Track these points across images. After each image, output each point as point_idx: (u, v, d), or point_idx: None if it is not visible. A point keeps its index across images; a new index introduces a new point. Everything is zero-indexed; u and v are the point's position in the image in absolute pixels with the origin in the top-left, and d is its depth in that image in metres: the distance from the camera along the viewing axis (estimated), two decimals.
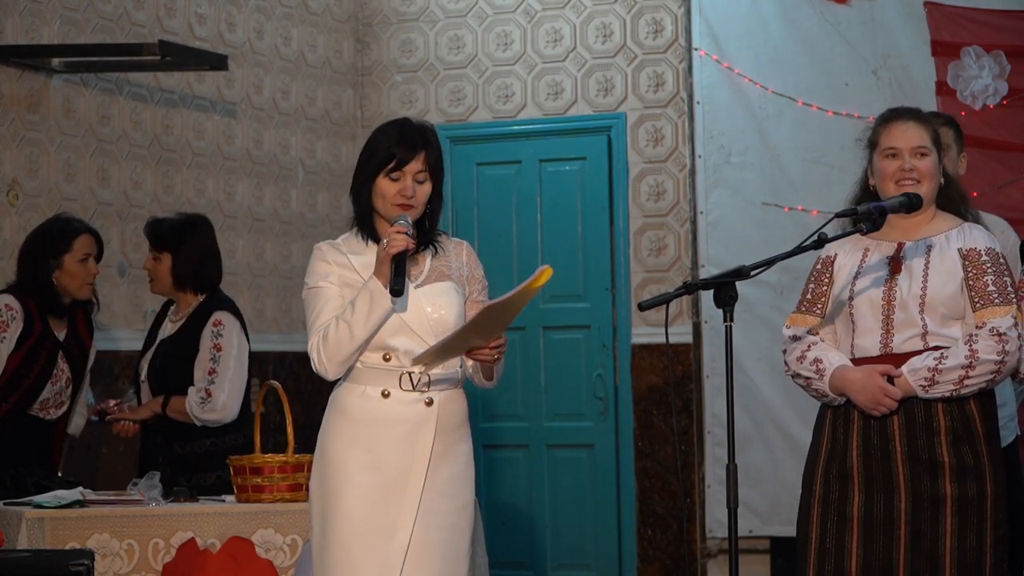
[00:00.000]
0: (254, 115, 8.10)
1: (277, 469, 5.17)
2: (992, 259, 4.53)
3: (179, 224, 5.98)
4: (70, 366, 5.91)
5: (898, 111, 4.71)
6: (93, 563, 4.50)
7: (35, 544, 4.92)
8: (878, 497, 4.48)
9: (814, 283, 4.69)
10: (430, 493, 4.19)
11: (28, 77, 6.78)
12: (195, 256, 5.91)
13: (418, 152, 4.21)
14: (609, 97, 8.41)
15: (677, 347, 8.17)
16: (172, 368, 5.86)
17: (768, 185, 7.96)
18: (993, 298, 4.47)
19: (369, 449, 4.18)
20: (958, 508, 4.42)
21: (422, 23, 8.74)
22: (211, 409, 5.76)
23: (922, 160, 4.57)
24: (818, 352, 4.57)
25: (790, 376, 4.67)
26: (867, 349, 4.52)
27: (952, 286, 4.49)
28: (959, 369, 4.41)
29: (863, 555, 4.47)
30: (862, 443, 4.51)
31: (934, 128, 4.66)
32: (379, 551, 4.14)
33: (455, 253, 4.36)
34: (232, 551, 5.09)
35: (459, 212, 8.61)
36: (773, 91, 7.95)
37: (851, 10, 7.89)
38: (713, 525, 8.05)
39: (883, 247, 4.59)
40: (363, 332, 4.14)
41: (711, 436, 8.07)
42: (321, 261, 4.30)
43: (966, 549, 4.41)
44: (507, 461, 8.54)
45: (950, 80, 7.69)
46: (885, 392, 4.44)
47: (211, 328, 5.83)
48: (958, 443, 4.45)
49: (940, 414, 4.46)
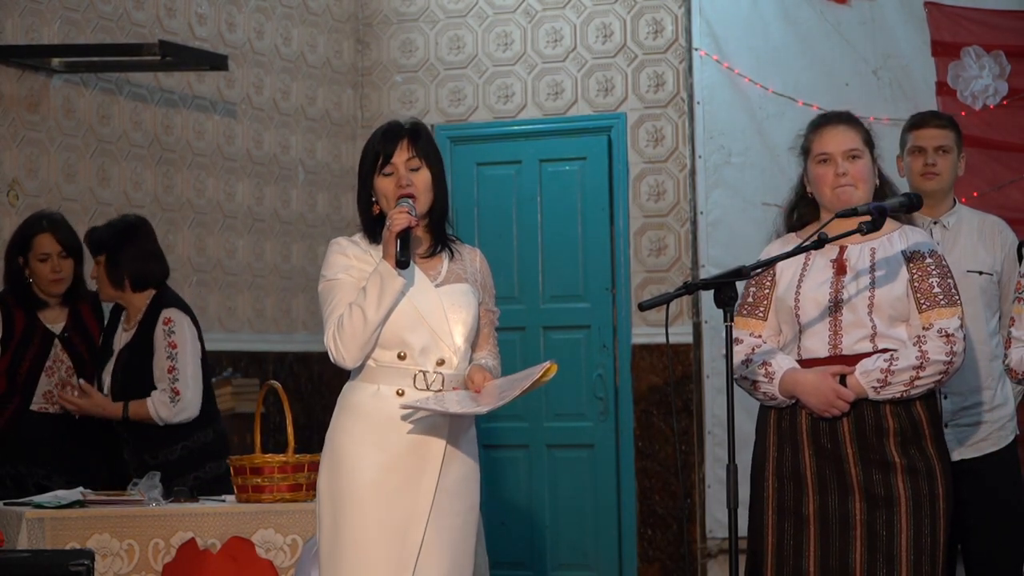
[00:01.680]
0: (254, 115, 8.10)
1: (277, 469, 5.17)
2: (936, 261, 4.56)
3: (110, 226, 5.98)
4: (71, 355, 5.93)
5: (828, 116, 4.73)
6: (93, 563, 4.50)
7: (35, 544, 4.92)
8: (833, 498, 4.50)
9: (755, 286, 4.69)
10: (442, 493, 4.20)
11: (28, 77, 6.78)
12: (128, 256, 5.86)
13: (400, 140, 4.24)
14: (609, 97, 8.41)
15: (677, 347, 8.17)
16: (131, 375, 5.83)
17: (768, 185, 7.96)
18: (939, 300, 4.50)
19: (382, 448, 4.18)
20: (913, 507, 4.45)
21: (422, 23, 8.74)
22: (181, 409, 5.74)
23: (855, 163, 4.58)
24: (765, 355, 4.58)
25: (735, 380, 4.67)
26: (815, 351, 4.54)
27: (899, 288, 4.51)
28: (910, 370, 4.44)
29: (820, 555, 4.49)
30: (813, 444, 4.53)
31: (866, 130, 4.67)
32: (392, 550, 4.15)
33: (470, 259, 4.40)
34: (232, 551, 5.09)
35: (459, 212, 8.61)
36: (773, 91, 7.95)
37: (851, 10, 7.89)
38: (713, 525, 8.06)
39: (826, 250, 4.59)
40: (376, 314, 4.13)
41: (711, 436, 8.07)
42: (339, 255, 4.29)
43: (921, 548, 4.44)
44: (507, 461, 8.54)
45: (950, 80, 7.69)
46: (838, 394, 4.46)
47: (162, 327, 5.80)
48: (906, 444, 4.48)
49: (889, 416, 4.49)
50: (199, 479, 5.70)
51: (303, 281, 8.29)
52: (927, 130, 5.47)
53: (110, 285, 5.90)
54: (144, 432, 5.79)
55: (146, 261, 5.90)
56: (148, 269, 5.90)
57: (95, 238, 5.96)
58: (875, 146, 4.69)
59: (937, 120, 5.54)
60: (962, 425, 5.31)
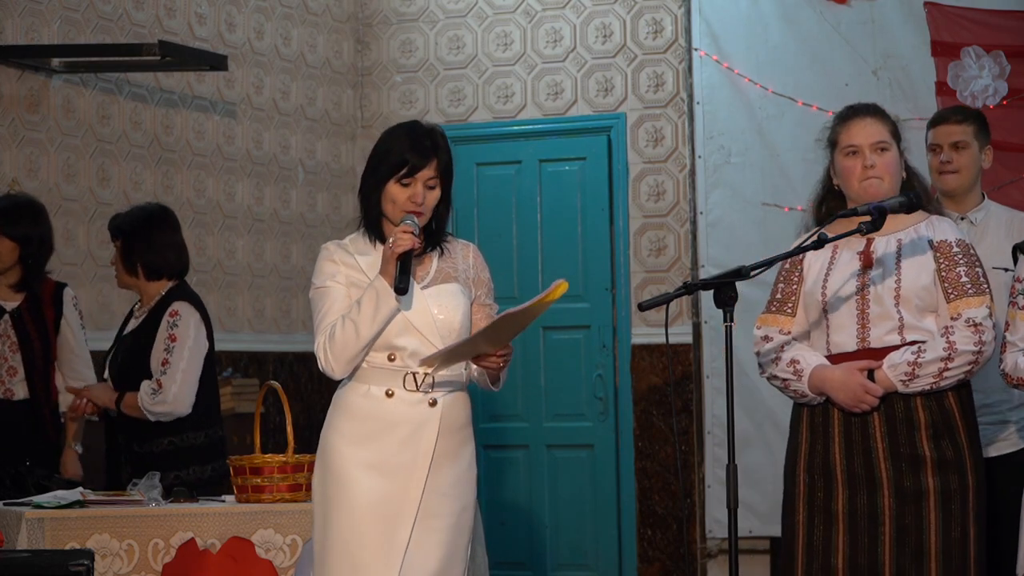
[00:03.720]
0: (254, 115, 8.10)
1: (277, 469, 5.16)
2: (963, 250, 4.52)
3: (131, 213, 5.92)
4: (17, 332, 5.94)
5: (855, 107, 4.69)
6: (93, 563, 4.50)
7: (35, 544, 4.92)
8: (862, 493, 4.48)
9: (783, 283, 4.68)
10: (431, 494, 4.21)
11: (28, 77, 6.78)
12: (143, 244, 5.80)
13: (431, 159, 4.22)
14: (609, 97, 8.41)
15: (677, 347, 8.17)
16: (131, 363, 5.76)
17: (768, 185, 7.96)
18: (967, 289, 4.46)
19: (372, 448, 4.20)
20: (942, 502, 4.42)
21: (422, 23, 8.74)
22: (161, 401, 5.62)
23: (882, 156, 4.56)
24: (794, 353, 4.56)
25: (766, 378, 4.66)
26: (843, 345, 4.52)
27: (925, 278, 4.48)
28: (938, 362, 4.41)
29: (849, 552, 4.47)
30: (844, 440, 4.51)
31: (893, 122, 4.64)
32: (380, 550, 4.16)
33: (462, 255, 4.37)
34: (232, 551, 5.09)
35: (459, 212, 8.61)
36: (773, 91, 7.95)
37: (851, 10, 7.89)
38: (713, 525, 8.05)
39: (852, 243, 4.57)
40: (369, 331, 4.15)
41: (711, 436, 8.07)
42: (328, 261, 4.29)
43: (951, 542, 4.42)
44: (507, 461, 8.54)
45: (950, 80, 7.69)
46: (866, 389, 4.44)
47: (167, 319, 5.71)
48: (938, 437, 4.45)
49: (920, 409, 4.46)
50: (180, 479, 5.60)
51: (303, 281, 8.29)
52: (942, 127, 5.41)
53: (124, 272, 5.86)
54: (136, 419, 5.74)
55: (162, 251, 5.81)
56: (163, 259, 5.81)
57: (115, 223, 5.92)
58: (902, 138, 4.65)
59: (955, 116, 5.46)
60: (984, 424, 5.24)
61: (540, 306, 4.07)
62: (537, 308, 4.08)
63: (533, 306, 4.07)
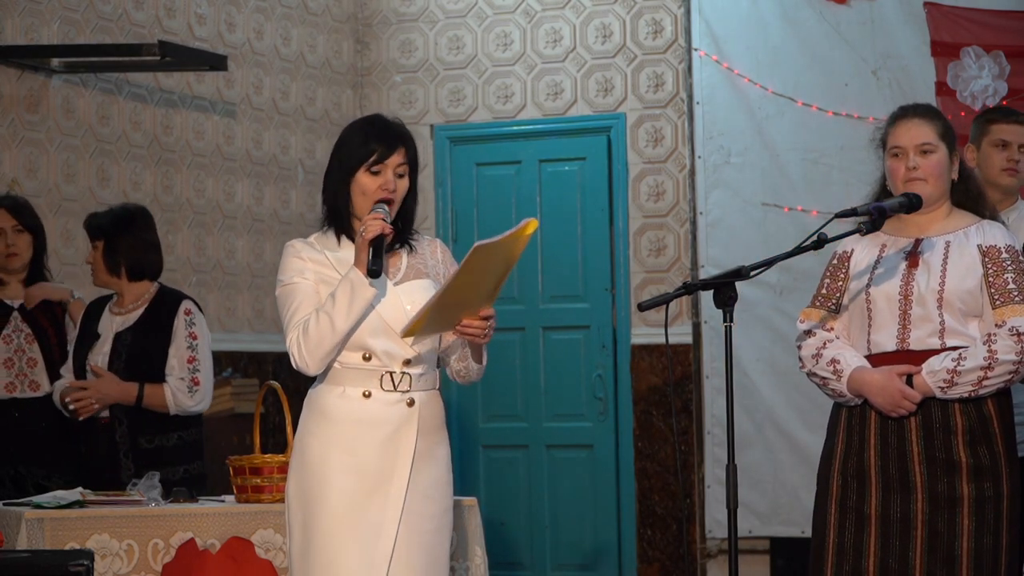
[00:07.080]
0: (254, 115, 8.10)
1: (277, 469, 5.17)
2: (1012, 256, 4.47)
3: (110, 213, 5.97)
4: (30, 324, 6.02)
5: (906, 108, 4.64)
6: (93, 563, 4.50)
7: (35, 544, 4.92)
8: (895, 497, 4.44)
9: (830, 278, 4.65)
10: (413, 495, 4.16)
11: (28, 77, 6.78)
12: (126, 244, 5.84)
13: (398, 146, 4.20)
14: (609, 97, 8.41)
15: (677, 347, 8.17)
16: (143, 358, 5.82)
17: (768, 185, 7.96)
18: (1013, 296, 4.42)
19: (351, 451, 4.14)
20: (975, 508, 4.39)
21: (422, 23, 8.74)
22: (200, 399, 5.79)
23: (926, 158, 4.51)
24: (835, 352, 4.53)
25: (805, 373, 4.63)
26: (883, 344, 4.48)
27: (971, 282, 4.44)
28: (978, 371, 4.37)
29: (880, 555, 4.44)
30: (879, 443, 4.47)
31: (944, 123, 4.58)
32: (364, 554, 4.11)
33: (430, 251, 4.33)
34: (232, 551, 5.08)
35: (459, 212, 8.61)
36: (773, 91, 7.95)
37: (851, 10, 7.89)
38: (713, 525, 8.05)
39: (900, 243, 4.55)
40: (345, 323, 4.09)
41: (711, 436, 8.07)
42: (295, 258, 4.24)
43: (982, 550, 4.39)
44: (507, 461, 8.54)
45: (950, 80, 7.69)
46: (904, 395, 4.40)
47: (183, 317, 5.82)
48: (975, 443, 4.42)
49: (957, 414, 4.43)
50: (189, 472, 5.72)
51: None
52: (1013, 126, 5.38)
53: (106, 271, 5.89)
54: (143, 414, 5.78)
55: (144, 251, 5.90)
56: (147, 259, 5.89)
57: (94, 223, 5.95)
58: (955, 139, 4.59)
59: (1018, 117, 5.43)
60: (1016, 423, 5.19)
61: (513, 241, 3.97)
62: (511, 243, 3.97)
63: (506, 240, 3.96)
